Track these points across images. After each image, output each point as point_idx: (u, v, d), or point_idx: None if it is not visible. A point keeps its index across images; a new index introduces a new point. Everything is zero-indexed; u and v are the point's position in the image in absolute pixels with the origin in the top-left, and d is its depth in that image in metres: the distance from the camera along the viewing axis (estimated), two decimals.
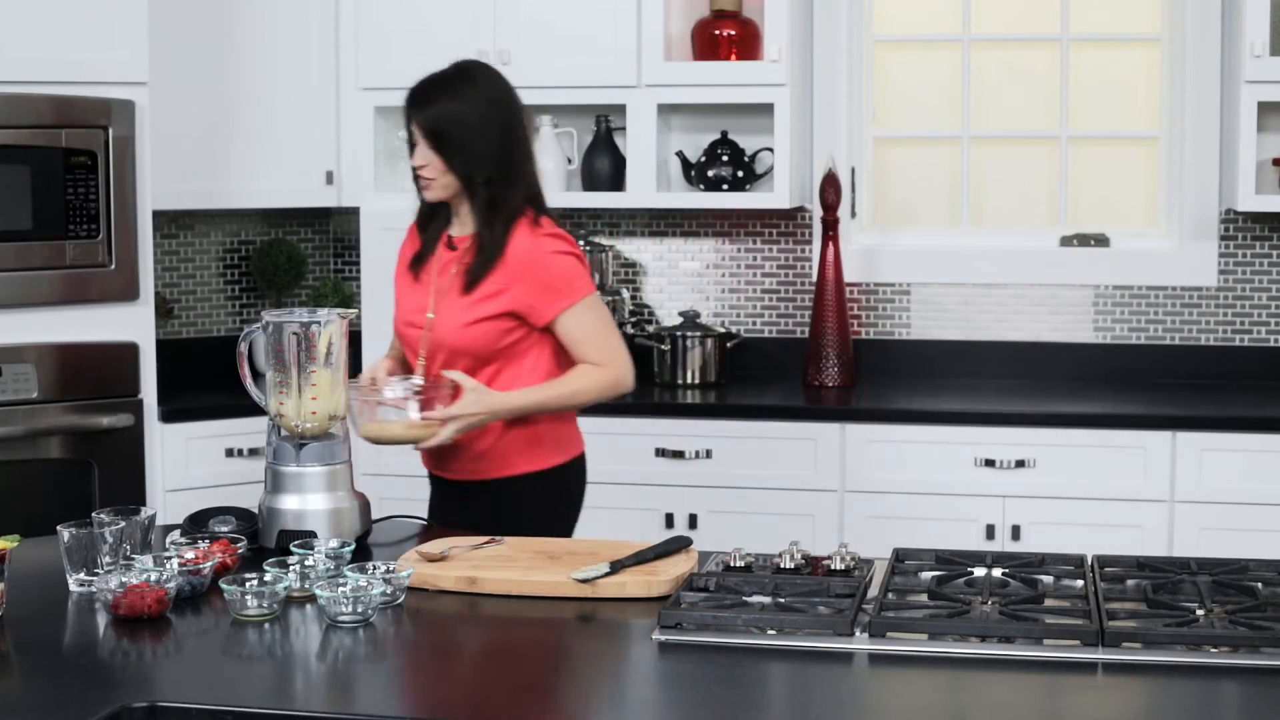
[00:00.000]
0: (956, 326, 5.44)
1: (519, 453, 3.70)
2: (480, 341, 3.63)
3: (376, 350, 5.35)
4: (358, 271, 5.49)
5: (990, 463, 4.79)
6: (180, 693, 2.56)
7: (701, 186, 5.36)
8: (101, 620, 2.92)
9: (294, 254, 5.69)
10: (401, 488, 4.62)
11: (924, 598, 2.88)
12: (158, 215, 5.01)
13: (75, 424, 4.73)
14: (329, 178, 5.43)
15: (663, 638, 2.73)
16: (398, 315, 3.81)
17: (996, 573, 3.01)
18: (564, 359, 3.70)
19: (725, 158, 5.34)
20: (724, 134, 5.35)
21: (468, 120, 3.62)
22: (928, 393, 5.15)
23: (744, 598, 2.86)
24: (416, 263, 3.79)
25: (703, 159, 5.36)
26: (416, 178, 3.68)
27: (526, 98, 5.21)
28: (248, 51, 5.29)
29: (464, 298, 3.64)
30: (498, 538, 3.31)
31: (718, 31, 5.29)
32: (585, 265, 3.71)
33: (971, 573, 3.02)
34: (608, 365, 3.68)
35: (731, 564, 3.07)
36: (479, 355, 3.65)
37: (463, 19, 5.26)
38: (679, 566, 3.06)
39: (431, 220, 3.78)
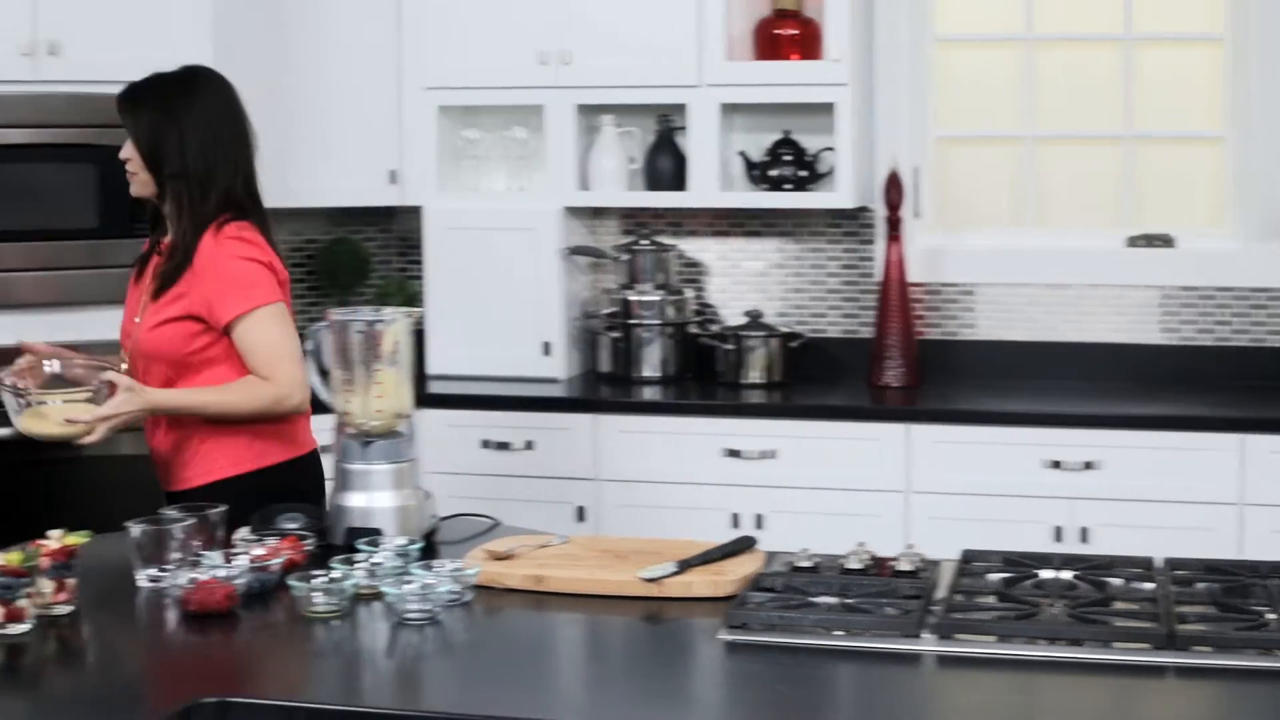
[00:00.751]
0: (1022, 327, 5.41)
1: (220, 456, 3.63)
2: (168, 345, 3.58)
3: (441, 349, 5.38)
4: (422, 271, 5.50)
5: (1057, 464, 4.76)
6: (250, 688, 2.58)
7: (764, 186, 5.35)
8: (172, 616, 2.93)
9: (359, 253, 5.71)
10: (470, 486, 4.65)
11: (992, 599, 2.86)
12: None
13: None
14: (392, 177, 5.45)
15: (729, 637, 2.73)
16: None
17: (1065, 575, 2.99)
18: None
19: (788, 158, 5.33)
20: (786, 134, 5.34)
21: (167, 121, 3.59)
22: (993, 394, 5.13)
23: (810, 598, 2.85)
24: (139, 268, 3.76)
25: (765, 159, 5.35)
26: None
27: (588, 97, 5.29)
28: (311, 51, 5.32)
29: (154, 302, 3.61)
30: (563, 535, 3.31)
31: (779, 31, 5.28)
32: (273, 275, 3.60)
33: (1039, 575, 3.00)
34: (273, 380, 3.55)
35: (798, 564, 3.06)
36: (170, 360, 3.59)
37: (524, 19, 5.27)
38: (745, 566, 3.06)
39: (158, 224, 3.74)
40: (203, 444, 3.63)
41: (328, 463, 3.64)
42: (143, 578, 3.09)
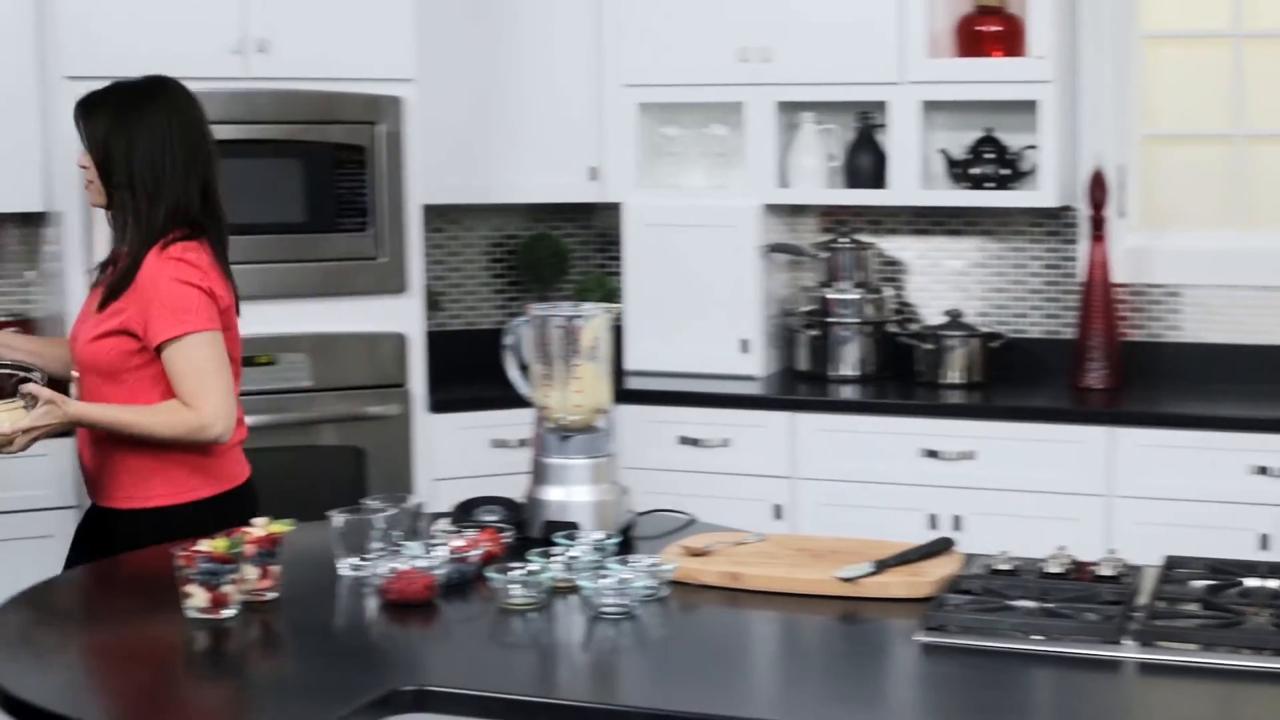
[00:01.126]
0: (1228, 330, 5.28)
1: (159, 484, 3.54)
2: (104, 358, 3.51)
3: (639, 345, 5.40)
4: (621, 267, 5.52)
5: (1263, 470, 4.64)
6: (447, 677, 2.61)
7: (966, 185, 5.29)
8: (371, 604, 2.98)
9: (558, 249, 5.75)
10: (666, 482, 4.66)
11: (1195, 607, 2.80)
12: (426, 209, 5.10)
13: (347, 412, 4.84)
14: (592, 174, 5.48)
15: (925, 639, 2.70)
16: None
17: (1271, 584, 2.91)
18: None
19: (990, 156, 5.26)
20: (988, 131, 5.28)
21: (117, 130, 3.51)
22: (1199, 397, 5.02)
23: (1009, 602, 2.81)
24: (98, 276, 3.70)
25: (967, 157, 5.29)
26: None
27: (789, 95, 5.27)
28: (512, 48, 5.36)
29: (98, 314, 3.55)
30: (760, 533, 3.30)
31: (981, 27, 5.21)
32: (211, 302, 3.51)
33: (1244, 583, 2.93)
34: (196, 409, 3.45)
35: (996, 567, 3.02)
36: (104, 373, 3.53)
37: (725, 17, 5.27)
38: (943, 568, 3.03)
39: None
40: (138, 466, 3.54)
41: (519, 458, 3.64)
42: (344, 566, 3.14)
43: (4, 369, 3.52)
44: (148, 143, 3.52)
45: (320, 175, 4.80)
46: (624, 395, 5.01)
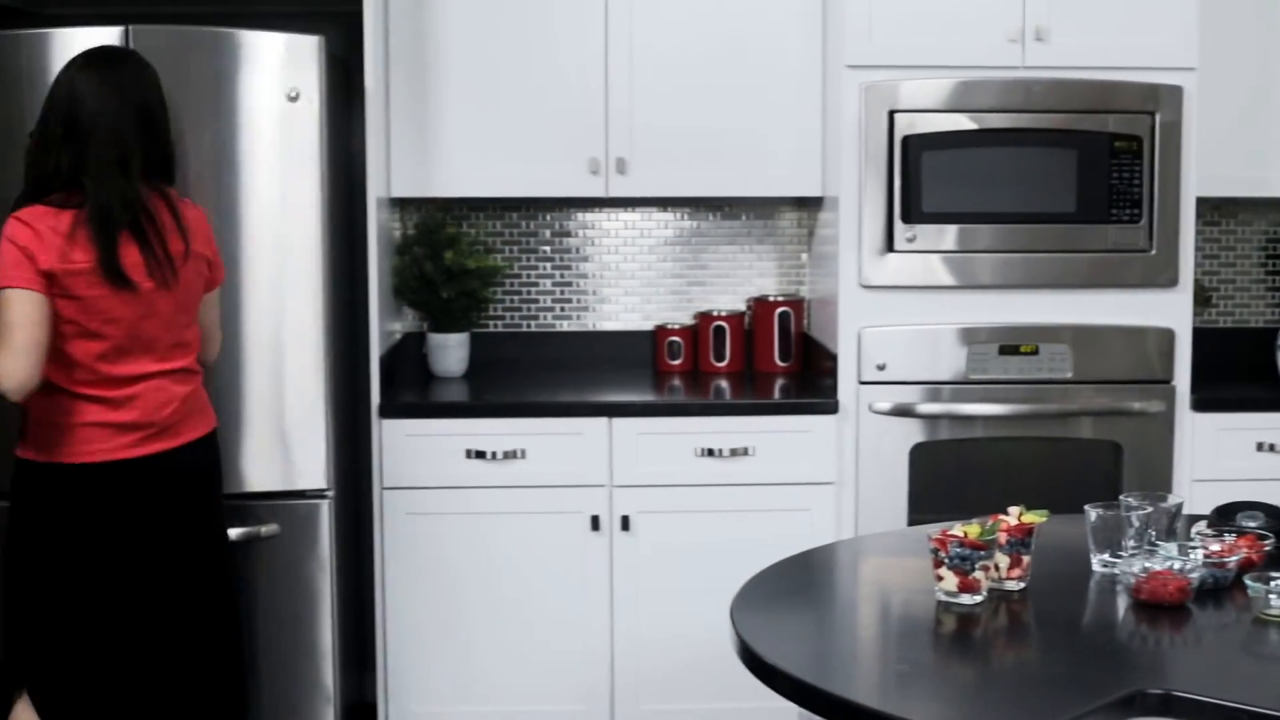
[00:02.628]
0: None
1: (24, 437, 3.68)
2: None
3: None
4: None
5: None
6: (1195, 684, 2.54)
7: None
8: (1121, 603, 2.94)
9: None
10: None
11: None
12: (1200, 202, 4.96)
13: (1106, 406, 4.78)
14: None
15: None
16: None
17: None
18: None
19: None
20: None
21: (51, 89, 3.65)
22: None
23: None
24: None
25: None
26: None
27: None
28: None
29: None
30: None
31: None
32: (28, 263, 3.49)
33: None
34: None
35: None
36: None
37: None
38: None
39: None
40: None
41: None
42: (1096, 562, 3.11)
43: None
44: (45, 108, 3.66)
45: (1094, 165, 4.75)
46: None
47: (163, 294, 3.65)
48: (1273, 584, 2.83)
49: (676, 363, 5.31)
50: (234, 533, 4.16)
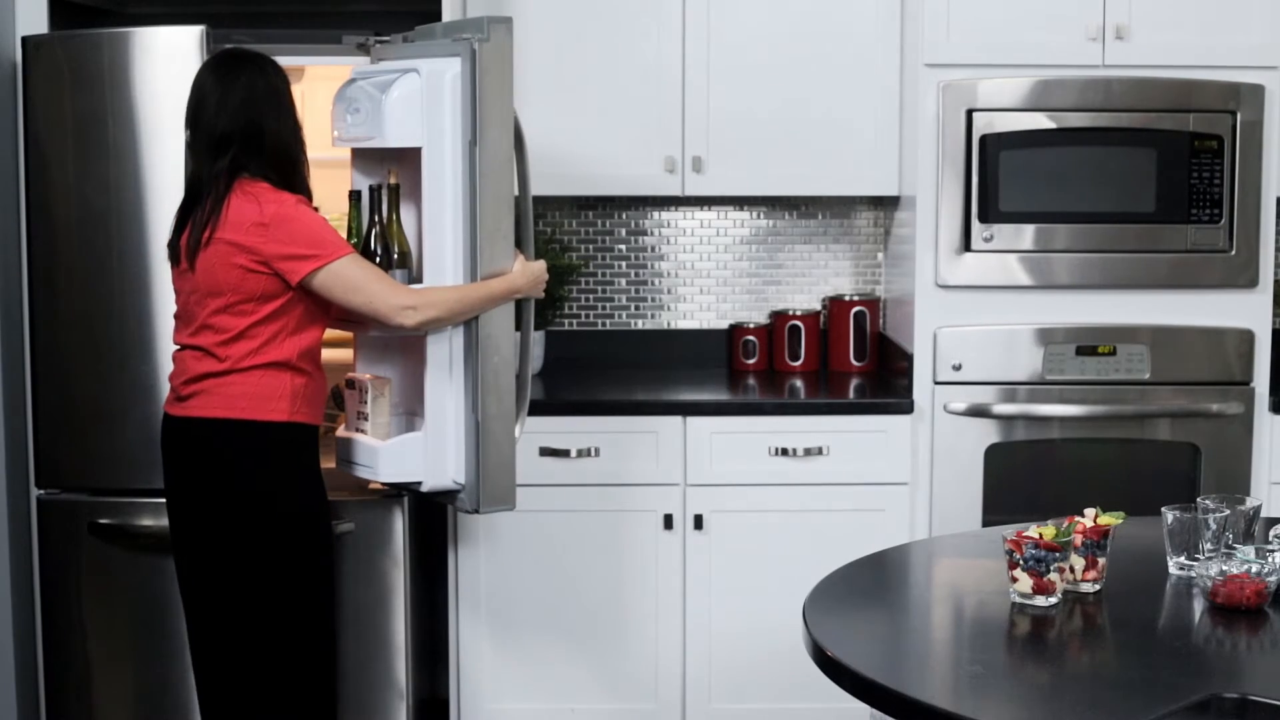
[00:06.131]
0: None
1: None
2: None
3: None
4: None
5: None
6: (1272, 689, 2.52)
7: None
8: (1197, 606, 2.92)
9: None
10: None
11: None
12: None
13: (1183, 407, 4.74)
14: None
15: None
16: None
17: None
18: None
19: None
20: None
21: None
22: None
23: None
24: None
25: None
26: None
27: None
28: None
29: None
30: None
31: None
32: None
33: None
34: None
35: None
36: None
37: None
38: None
39: None
40: None
41: None
42: (1172, 565, 3.09)
43: None
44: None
45: (1174, 165, 4.71)
46: None
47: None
48: None
49: (751, 362, 5.31)
50: None
